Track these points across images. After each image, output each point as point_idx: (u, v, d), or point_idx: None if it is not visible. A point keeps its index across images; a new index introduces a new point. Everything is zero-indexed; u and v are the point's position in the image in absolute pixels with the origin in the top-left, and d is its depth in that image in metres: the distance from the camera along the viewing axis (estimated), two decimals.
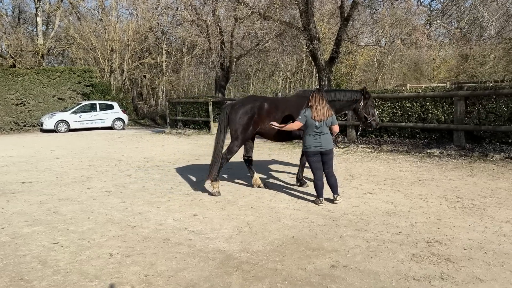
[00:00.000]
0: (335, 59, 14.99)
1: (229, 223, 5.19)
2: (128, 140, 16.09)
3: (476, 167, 8.17)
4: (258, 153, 11.33)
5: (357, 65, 29.82)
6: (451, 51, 32.24)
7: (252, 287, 3.47)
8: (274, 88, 29.08)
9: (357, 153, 10.53)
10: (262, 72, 31.13)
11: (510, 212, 5.24)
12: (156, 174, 8.61)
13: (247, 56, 22.97)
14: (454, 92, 9.97)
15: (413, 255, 4.02)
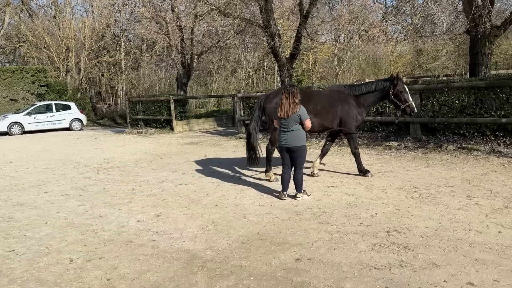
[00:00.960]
0: (296, 55, 15.18)
1: (193, 222, 5.15)
2: (87, 141, 15.59)
3: (431, 157, 8.52)
4: (223, 150, 11.30)
5: (317, 61, 30.31)
6: (406, 47, 33.40)
7: (218, 285, 3.47)
8: (237, 85, 29.03)
9: (319, 148, 10.71)
10: (224, 69, 31.00)
11: (463, 200, 5.52)
12: (117, 175, 8.40)
13: (209, 53, 22.82)
14: (409, 86, 10.30)
15: (374, 245, 4.15)
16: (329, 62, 32.19)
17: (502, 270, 3.47)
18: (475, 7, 9.48)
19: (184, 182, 7.49)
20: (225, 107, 26.37)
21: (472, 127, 9.20)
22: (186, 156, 10.53)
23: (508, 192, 5.78)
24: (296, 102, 5.78)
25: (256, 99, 13.75)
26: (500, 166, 7.39)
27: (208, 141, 13.71)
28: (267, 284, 3.43)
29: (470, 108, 9.13)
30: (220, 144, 12.63)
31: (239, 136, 13.94)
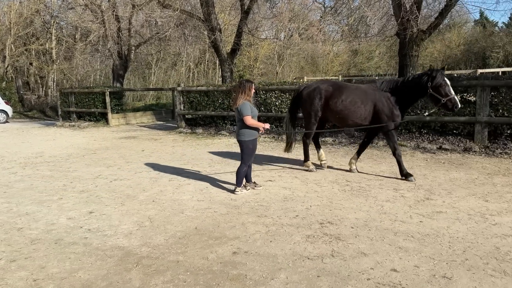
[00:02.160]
0: (237, 51, 15.23)
1: (128, 219, 5.02)
2: (13, 134, 14.51)
3: (363, 153, 8.96)
4: (161, 145, 11.07)
5: (258, 57, 30.60)
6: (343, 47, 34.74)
7: (153, 281, 3.42)
8: (177, 79, 28.49)
9: (259, 143, 10.86)
10: (164, 62, 30.26)
11: (390, 192, 5.89)
12: (46, 171, 7.93)
13: (147, 44, 22.15)
14: None
15: (308, 236, 4.31)
16: (270, 58, 32.63)
17: (422, 257, 3.76)
18: (403, 11, 10.10)
19: (119, 177, 7.25)
20: (165, 101, 25.80)
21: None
22: (122, 151, 10.18)
23: (429, 185, 6.26)
24: (242, 96, 5.78)
25: (196, 94, 13.61)
26: (424, 161, 7.98)
27: (146, 135, 13.35)
28: (203, 278, 3.44)
29: None
30: (159, 139, 12.35)
31: (179, 130, 13.72)
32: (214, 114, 13.27)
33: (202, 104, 13.51)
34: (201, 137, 12.39)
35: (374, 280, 3.34)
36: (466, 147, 8.69)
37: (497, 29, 37.34)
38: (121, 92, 18.26)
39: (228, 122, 13.18)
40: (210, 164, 8.23)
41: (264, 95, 12.02)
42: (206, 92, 13.38)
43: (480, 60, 32.96)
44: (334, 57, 34.95)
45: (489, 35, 34.66)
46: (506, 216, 4.77)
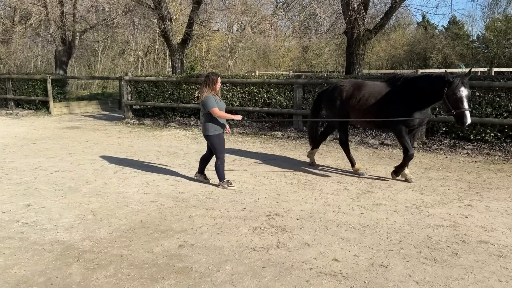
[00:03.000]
0: (188, 41, 14.98)
1: (70, 212, 4.82)
2: None
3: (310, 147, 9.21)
4: (107, 136, 10.69)
5: (210, 49, 30.30)
6: (294, 42, 35.29)
7: (95, 275, 3.32)
8: (125, 68, 27.54)
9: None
10: (111, 49, 29.10)
11: (334, 185, 6.10)
12: None
13: (93, 31, 21.19)
14: (294, 80, 10.99)
15: (255, 228, 4.37)
16: (222, 51, 32.43)
17: (362, 247, 3.95)
18: (351, 10, 10.44)
19: (60, 169, 6.93)
20: (111, 90, 24.87)
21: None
22: (64, 141, 9.72)
23: (371, 178, 6.55)
24: (206, 90, 5.71)
25: (145, 84, 13.25)
26: (367, 155, 8.33)
27: (90, 125, 12.82)
28: (148, 272, 3.40)
29: None
30: (104, 130, 11.92)
31: (126, 121, 13.32)
32: (163, 105, 13.01)
33: (151, 94, 13.18)
34: (149, 128, 12.11)
35: (317, 270, 3.46)
36: None
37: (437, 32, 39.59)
38: (64, 80, 17.37)
39: (177, 114, 12.97)
40: (158, 157, 8.08)
41: None
42: (155, 83, 13.07)
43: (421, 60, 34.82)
44: (286, 52, 35.40)
45: (430, 37, 36.68)
46: (438, 208, 5.11)
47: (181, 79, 12.62)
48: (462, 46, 34.69)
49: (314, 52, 36.54)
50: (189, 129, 11.74)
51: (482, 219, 4.74)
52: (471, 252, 3.84)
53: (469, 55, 33.99)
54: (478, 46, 36.35)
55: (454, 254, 3.79)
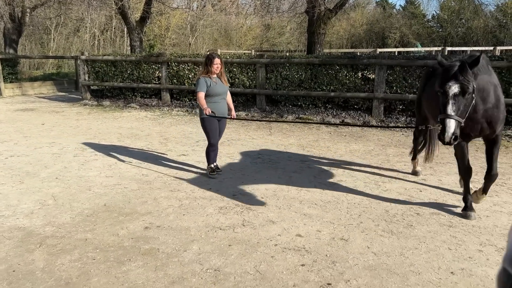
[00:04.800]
0: (147, 19, 14.54)
1: (29, 198, 4.69)
2: None
3: (273, 127, 9.34)
4: (64, 118, 10.31)
5: (170, 27, 29.51)
6: (256, 20, 34.99)
7: (60, 260, 3.29)
8: (81, 46, 26.38)
9: (172, 117, 10.69)
10: (65, 27, 27.72)
11: (297, 164, 6.25)
12: None
13: (45, 7, 20.05)
14: (256, 59, 10.98)
15: (221, 208, 4.44)
16: (182, 29, 31.67)
17: (323, 222, 4.11)
18: None
19: (16, 153, 6.66)
20: (67, 70, 23.82)
21: (308, 100, 10.33)
22: (18, 125, 9.30)
23: (332, 156, 6.76)
24: (201, 71, 5.48)
25: (102, 63, 12.79)
26: (328, 134, 8.55)
27: (46, 107, 12.30)
28: (114, 255, 3.40)
29: (306, 83, 10.20)
30: (61, 111, 11.48)
31: (84, 102, 12.87)
32: (123, 86, 12.65)
33: (109, 74, 12.77)
34: (109, 109, 11.79)
35: (281, 246, 3.59)
36: (365, 121, 9.49)
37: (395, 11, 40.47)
38: (15, 59, 16.45)
39: (138, 95, 12.67)
40: (119, 139, 7.92)
41: (176, 67, 11.74)
42: (114, 62, 12.65)
43: (380, 39, 35.59)
44: (248, 31, 35.09)
45: (388, 16, 37.43)
46: (395, 183, 5.37)
47: (140, 58, 12.29)
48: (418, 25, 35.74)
49: (276, 31, 36.42)
50: (150, 110, 11.53)
51: (435, 192, 5.04)
52: (424, 223, 4.09)
53: (425, 34, 35.09)
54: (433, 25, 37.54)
55: (409, 226, 4.03)
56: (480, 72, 3.71)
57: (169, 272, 3.14)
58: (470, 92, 3.53)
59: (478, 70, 3.66)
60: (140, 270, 3.16)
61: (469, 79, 3.51)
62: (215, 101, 5.42)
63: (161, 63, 11.82)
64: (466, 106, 3.57)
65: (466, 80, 3.50)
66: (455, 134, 3.48)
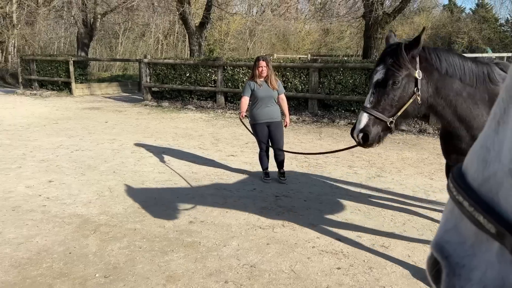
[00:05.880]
0: (206, 24, 15.06)
1: (88, 188, 5.08)
2: None
3: (324, 131, 9.29)
4: (126, 117, 10.98)
5: (229, 32, 30.25)
6: (315, 25, 34.82)
7: (110, 247, 3.56)
8: (145, 50, 27.82)
9: (225, 119, 10.99)
10: (132, 32, 29.41)
11: (344, 169, 6.20)
12: (5, 139, 7.77)
13: (114, 13, 21.43)
14: (309, 64, 10.99)
15: (263, 208, 4.54)
16: (241, 34, 32.33)
17: (365, 228, 4.07)
18: None
19: (81, 148, 7.22)
20: (132, 72, 25.23)
21: (361, 105, 10.13)
22: (84, 122, 10.05)
23: (382, 163, 6.61)
24: (251, 74, 5.48)
25: (163, 66, 13.44)
26: None
27: (110, 106, 13.15)
28: (159, 245, 3.61)
29: (361, 87, 10.04)
30: (123, 111, 12.22)
31: (145, 103, 13.59)
32: (181, 88, 13.20)
33: (169, 77, 13.38)
34: (167, 110, 12.35)
35: (319, 248, 3.61)
36: (421, 129, 9.15)
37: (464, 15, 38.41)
38: (85, 62, 17.74)
39: (194, 97, 13.16)
40: (173, 138, 8.30)
41: (231, 71, 12.06)
42: (173, 65, 13.25)
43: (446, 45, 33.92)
44: (306, 35, 35.03)
45: (456, 20, 35.62)
46: (445, 193, 5.14)
47: (198, 62, 12.76)
48: (490, 30, 33.64)
49: (334, 36, 36.04)
50: (205, 112, 11.93)
51: None
52: None
53: (496, 40, 32.94)
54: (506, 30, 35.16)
55: None
56: (453, 74, 2.69)
57: (207, 264, 3.28)
58: (398, 81, 2.63)
59: (436, 61, 2.69)
60: (181, 260, 3.34)
61: (401, 65, 2.62)
62: (260, 105, 5.33)
63: (217, 67, 12.20)
64: (392, 100, 2.68)
65: (395, 65, 2.63)
66: (366, 132, 2.69)
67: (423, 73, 2.65)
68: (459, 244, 0.61)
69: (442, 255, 0.62)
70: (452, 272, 0.61)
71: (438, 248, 0.63)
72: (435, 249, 0.64)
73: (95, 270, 3.15)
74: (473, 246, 0.60)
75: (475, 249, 0.60)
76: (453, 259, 0.61)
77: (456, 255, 0.61)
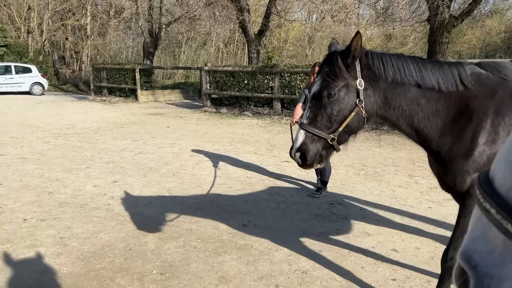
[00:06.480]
0: (265, 32, 15.25)
1: (149, 189, 5.33)
2: (48, 106, 15.20)
3: (383, 139, 9.01)
4: (186, 122, 11.39)
5: (288, 39, 30.38)
6: (376, 30, 33.95)
7: (167, 245, 3.70)
8: (206, 58, 28.75)
9: (281, 125, 11.03)
10: (194, 41, 30.55)
11: (404, 178, 5.96)
12: (77, 142, 8.38)
13: (178, 23, 22.40)
14: None
15: (316, 215, 4.49)
16: (300, 41, 32.34)
17: (424, 240, 3.88)
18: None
19: (143, 151, 7.60)
20: (193, 80, 26.16)
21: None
22: (148, 126, 10.57)
23: None
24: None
25: (222, 74, 13.79)
26: None
27: (172, 112, 13.72)
28: (213, 246, 3.70)
29: None
30: (184, 117, 12.69)
31: (204, 109, 14.02)
32: (239, 95, 13.46)
33: (228, 84, 13.70)
34: (225, 116, 12.64)
35: (374, 258, 3.50)
36: None
37: None
38: (150, 70, 18.68)
39: (252, 103, 13.35)
40: (230, 143, 8.47)
41: (289, 78, 12.09)
42: (232, 73, 13.56)
43: None
44: (367, 41, 34.26)
45: None
46: None
47: (256, 69, 12.95)
48: None
49: (397, 41, 34.90)
50: (261, 118, 12.05)
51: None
52: None
53: None
54: None
55: None
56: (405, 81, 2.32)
57: (259, 267, 3.31)
58: (334, 93, 2.30)
59: (379, 68, 2.31)
60: (234, 262, 3.39)
61: (336, 75, 2.30)
62: None
63: (275, 74, 12.30)
64: (331, 114, 2.34)
65: (331, 75, 2.32)
66: (303, 151, 2.37)
67: (366, 82, 2.32)
68: (488, 253, 0.57)
69: (470, 265, 0.59)
70: (480, 282, 0.57)
71: (465, 257, 0.59)
72: (462, 258, 0.60)
73: (152, 267, 3.29)
74: (503, 255, 0.56)
75: (504, 258, 0.56)
76: (481, 269, 0.57)
77: (484, 265, 0.57)
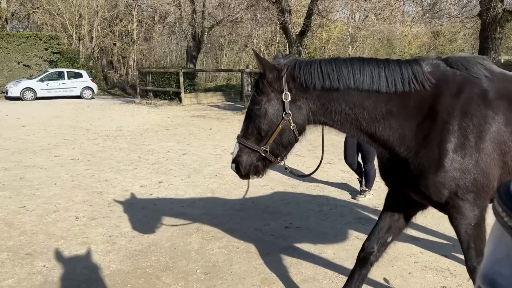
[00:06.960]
0: (306, 32, 15.14)
1: (193, 190, 5.44)
2: (97, 110, 15.91)
3: None
4: (228, 124, 11.53)
5: (330, 39, 30.00)
6: (423, 27, 32.77)
7: (210, 245, 3.75)
8: (248, 60, 28.98)
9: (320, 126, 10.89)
10: (235, 43, 30.89)
11: None
12: (124, 143, 8.71)
13: (220, 26, 22.75)
14: None
15: (360, 218, 4.39)
16: (342, 40, 31.82)
17: None
18: None
19: (187, 152, 7.76)
20: (235, 82, 26.44)
21: None
22: (191, 128, 10.79)
23: None
24: None
25: None
26: None
27: (214, 114, 13.93)
28: (255, 247, 3.71)
29: None
30: (226, 119, 12.85)
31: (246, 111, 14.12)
32: None
33: None
34: None
35: (422, 264, 3.37)
36: None
37: None
38: (193, 73, 19.09)
39: None
40: None
41: None
42: None
43: None
44: (412, 39, 33.18)
45: None
46: None
47: None
48: None
49: (445, 38, 33.54)
50: None
51: None
52: None
53: None
54: None
55: None
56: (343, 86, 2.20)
57: (302, 270, 3.28)
58: (259, 107, 2.31)
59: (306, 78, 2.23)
60: (277, 264, 3.38)
61: (261, 89, 2.31)
62: None
63: None
64: (259, 128, 2.36)
65: (257, 90, 2.34)
66: (237, 162, 2.46)
67: (295, 94, 2.26)
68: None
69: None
70: None
71: (488, 282, 0.53)
72: (484, 283, 0.54)
73: (197, 267, 3.35)
74: None
75: None
76: None
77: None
